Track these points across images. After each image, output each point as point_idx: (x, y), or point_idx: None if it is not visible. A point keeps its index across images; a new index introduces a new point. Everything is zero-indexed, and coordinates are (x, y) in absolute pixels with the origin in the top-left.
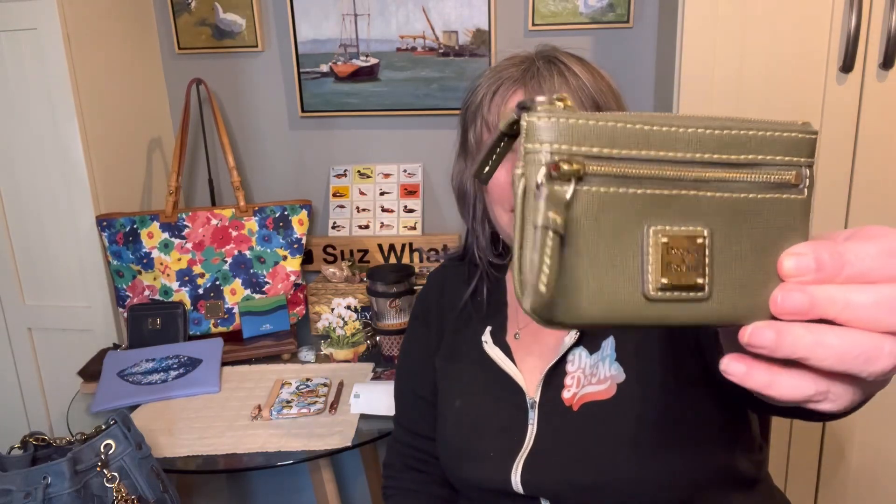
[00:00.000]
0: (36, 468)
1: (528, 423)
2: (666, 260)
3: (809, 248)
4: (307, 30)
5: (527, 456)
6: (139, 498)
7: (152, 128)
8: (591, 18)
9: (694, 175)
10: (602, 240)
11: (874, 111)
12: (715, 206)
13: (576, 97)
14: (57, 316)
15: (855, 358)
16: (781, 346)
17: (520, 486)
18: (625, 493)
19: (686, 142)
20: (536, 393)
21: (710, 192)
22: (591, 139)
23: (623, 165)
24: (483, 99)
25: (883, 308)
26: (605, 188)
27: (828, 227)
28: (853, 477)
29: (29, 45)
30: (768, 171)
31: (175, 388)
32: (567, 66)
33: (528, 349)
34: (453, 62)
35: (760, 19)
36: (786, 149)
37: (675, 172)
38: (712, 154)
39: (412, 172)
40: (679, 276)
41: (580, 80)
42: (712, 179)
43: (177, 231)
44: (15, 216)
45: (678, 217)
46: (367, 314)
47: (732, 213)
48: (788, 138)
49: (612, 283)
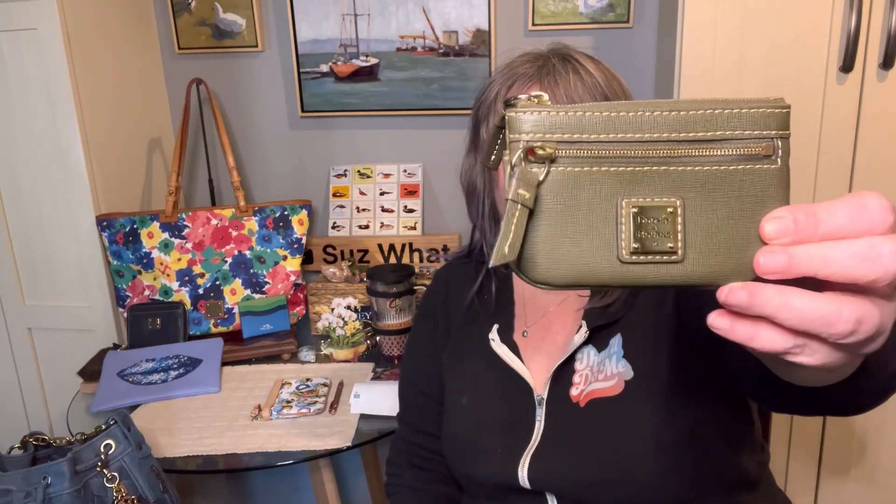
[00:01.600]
0: (36, 468)
1: (536, 420)
2: (638, 227)
3: (787, 210)
4: (307, 30)
5: (534, 452)
6: (139, 498)
7: (152, 128)
8: (591, 18)
9: (662, 153)
10: (579, 211)
11: (874, 111)
12: (687, 180)
13: (590, 94)
14: (57, 316)
15: (814, 321)
16: (753, 305)
17: (527, 482)
18: (630, 489)
19: (651, 124)
20: (544, 390)
21: (681, 167)
22: (563, 127)
23: (593, 147)
24: (497, 95)
25: (857, 259)
26: (579, 168)
27: None
28: (853, 477)
29: (29, 45)
30: (737, 145)
31: (175, 388)
32: (581, 64)
33: (537, 347)
34: (453, 62)
35: (760, 19)
36: (754, 123)
37: (643, 152)
38: (679, 133)
39: (412, 172)
40: (651, 241)
41: (594, 79)
42: (681, 156)
43: (177, 231)
44: (15, 216)
45: (650, 190)
46: (367, 314)
47: (704, 185)
48: (757, 113)
49: (591, 249)
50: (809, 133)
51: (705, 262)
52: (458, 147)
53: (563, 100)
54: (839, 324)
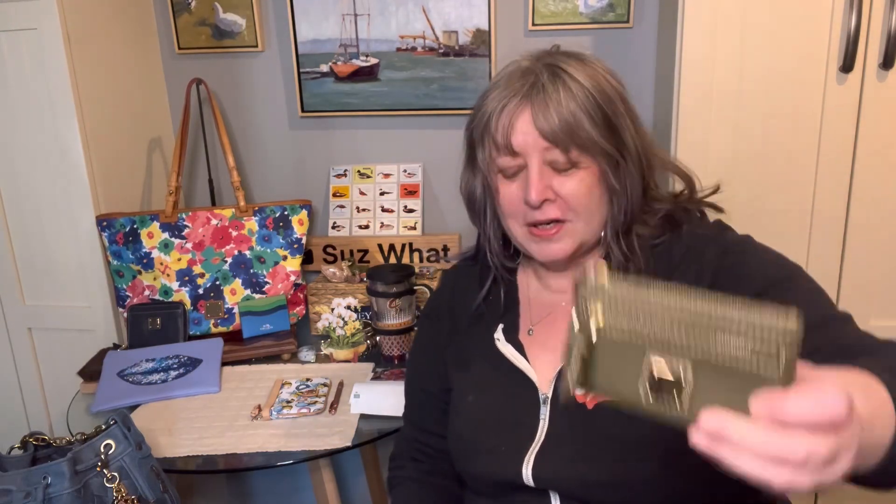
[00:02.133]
0: (36, 468)
1: (540, 418)
2: (656, 382)
3: None
4: (307, 30)
5: (538, 450)
6: (139, 498)
7: (152, 128)
8: (591, 18)
9: (687, 343)
10: (619, 360)
11: (874, 111)
12: (700, 357)
13: (581, 108)
14: (57, 316)
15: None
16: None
17: (531, 480)
18: (636, 490)
19: (679, 323)
20: (549, 389)
21: (699, 354)
22: (611, 305)
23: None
24: (490, 118)
25: (762, 463)
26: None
27: (828, 228)
28: None
29: (29, 45)
30: (749, 344)
31: (175, 388)
32: (572, 76)
33: (543, 345)
34: (453, 62)
35: (761, 19)
36: (764, 331)
37: (672, 337)
38: (703, 328)
39: (412, 172)
40: (665, 395)
41: (585, 90)
42: (700, 345)
43: (177, 231)
44: (15, 216)
45: (670, 362)
46: (367, 314)
47: (715, 368)
48: (767, 325)
49: (626, 382)
50: (809, 133)
51: None
52: (459, 147)
53: (553, 118)
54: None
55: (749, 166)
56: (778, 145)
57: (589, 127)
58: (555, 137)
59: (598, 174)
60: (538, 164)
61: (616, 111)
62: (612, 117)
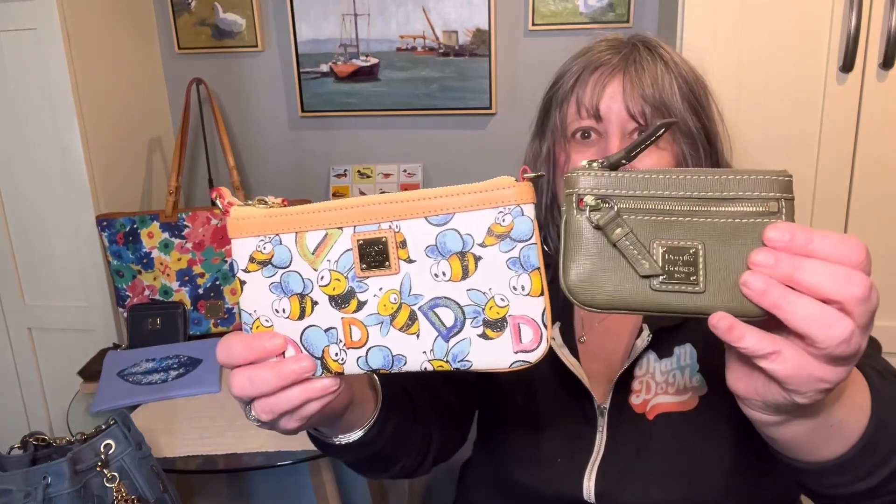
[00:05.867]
0: (36, 468)
1: (597, 431)
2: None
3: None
4: (307, 30)
5: (599, 465)
6: (139, 498)
7: (152, 128)
8: (591, 18)
9: (687, 208)
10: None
11: (874, 111)
12: (706, 229)
13: (676, 82)
14: (57, 316)
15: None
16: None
17: (592, 496)
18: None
19: (678, 184)
20: (606, 399)
21: (702, 219)
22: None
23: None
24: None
25: (812, 319)
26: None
27: (828, 226)
28: None
29: (29, 45)
30: (748, 204)
31: (175, 388)
32: (668, 51)
33: (594, 355)
34: (453, 62)
35: (760, 19)
36: (760, 187)
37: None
38: (699, 192)
39: (412, 172)
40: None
41: (679, 68)
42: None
43: (177, 231)
44: (15, 216)
45: (677, 235)
46: None
47: (721, 234)
48: (762, 179)
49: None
50: (809, 133)
51: (722, 294)
52: (458, 147)
53: (650, 87)
54: (837, 326)
55: (749, 166)
56: (778, 145)
57: (679, 100)
58: (644, 110)
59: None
60: (619, 133)
61: (706, 97)
62: (702, 100)
